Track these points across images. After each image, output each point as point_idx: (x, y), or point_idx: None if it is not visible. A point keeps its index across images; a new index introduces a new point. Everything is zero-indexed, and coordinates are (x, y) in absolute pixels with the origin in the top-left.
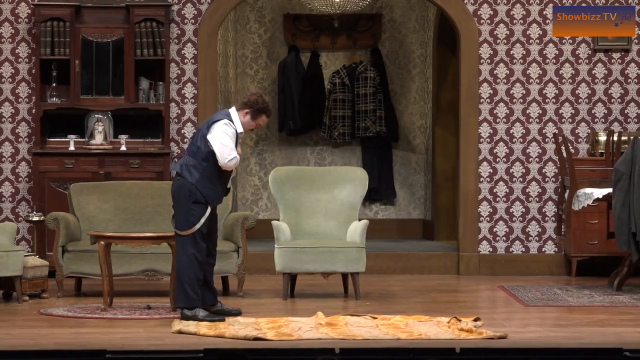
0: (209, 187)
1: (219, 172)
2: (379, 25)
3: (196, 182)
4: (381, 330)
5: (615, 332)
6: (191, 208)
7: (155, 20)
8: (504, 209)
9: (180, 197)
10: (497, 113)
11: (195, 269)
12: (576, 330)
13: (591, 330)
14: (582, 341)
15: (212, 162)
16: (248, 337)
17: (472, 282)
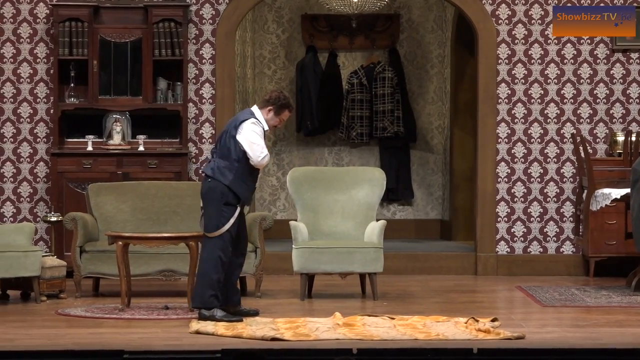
0: (243, 187)
1: (250, 171)
2: (397, 25)
3: (229, 183)
4: (399, 330)
5: (633, 332)
6: (222, 210)
7: (173, 20)
8: (521, 209)
9: (212, 199)
10: (515, 113)
11: (218, 271)
12: (594, 330)
13: (609, 330)
14: (600, 342)
15: (243, 161)
16: (265, 338)
17: (490, 283)
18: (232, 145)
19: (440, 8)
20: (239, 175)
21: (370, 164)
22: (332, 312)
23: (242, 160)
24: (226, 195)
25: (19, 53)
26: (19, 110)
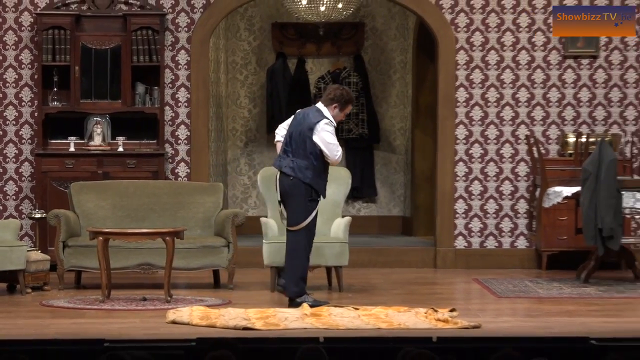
0: (321, 184)
1: (325, 168)
2: (362, 33)
3: (310, 180)
4: (363, 320)
5: (582, 321)
6: (307, 205)
7: (150, 28)
8: (478, 206)
9: (296, 195)
10: (472, 116)
11: (307, 260)
12: (546, 320)
13: (560, 320)
14: (551, 330)
15: (320, 159)
16: (238, 327)
17: (448, 275)
18: (309, 146)
19: (403, 17)
20: (318, 173)
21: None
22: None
23: (319, 158)
24: (309, 192)
25: (5, 59)
26: (5, 113)
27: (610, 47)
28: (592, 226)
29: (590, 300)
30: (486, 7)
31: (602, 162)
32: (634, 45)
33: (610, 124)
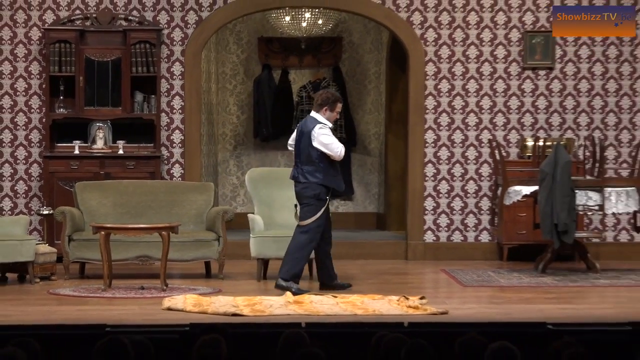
0: (333, 180)
1: (332, 165)
2: (340, 46)
3: (322, 181)
4: (341, 307)
5: (539, 308)
6: (314, 204)
7: (148, 42)
8: (445, 204)
9: (306, 197)
10: (440, 122)
11: (308, 253)
12: (507, 307)
13: (519, 307)
14: (511, 316)
15: (325, 160)
16: (227, 313)
17: (418, 266)
18: (312, 152)
19: (377, 32)
20: (327, 172)
21: None
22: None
23: (323, 160)
24: (318, 193)
25: (16, 70)
26: (15, 119)
27: (564, 59)
28: (548, 222)
29: (547, 288)
30: (452, 24)
31: (558, 163)
32: (586, 58)
33: (565, 129)
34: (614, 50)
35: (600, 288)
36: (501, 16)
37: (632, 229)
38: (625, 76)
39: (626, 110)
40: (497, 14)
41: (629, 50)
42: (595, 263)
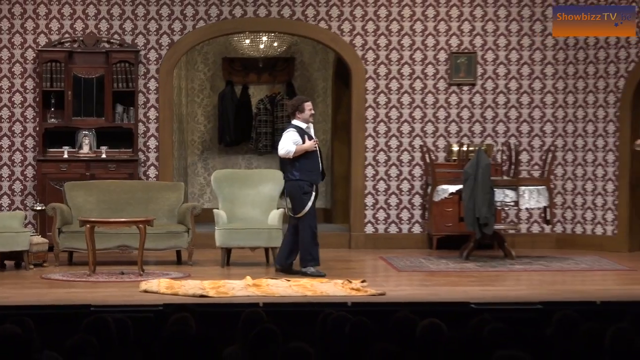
0: (310, 174)
1: (309, 161)
2: (292, 65)
3: (299, 176)
4: (293, 289)
5: (464, 290)
6: (302, 197)
7: (127, 62)
8: (383, 200)
9: (293, 192)
10: (378, 130)
11: (314, 238)
12: (436, 289)
13: (447, 288)
14: (440, 296)
15: (301, 158)
16: (196, 295)
17: (360, 254)
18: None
19: (324, 53)
20: (303, 169)
21: (272, 167)
22: (244, 276)
23: (299, 158)
24: (302, 187)
25: (13, 86)
26: (13, 128)
27: (485, 76)
28: (471, 215)
29: (470, 273)
30: (389, 46)
31: (479, 166)
32: (503, 75)
33: (485, 136)
34: (527, 69)
35: (515, 272)
36: (431, 40)
37: (542, 222)
38: (536, 91)
39: (537, 120)
40: (427, 37)
41: (539, 69)
42: (512, 251)
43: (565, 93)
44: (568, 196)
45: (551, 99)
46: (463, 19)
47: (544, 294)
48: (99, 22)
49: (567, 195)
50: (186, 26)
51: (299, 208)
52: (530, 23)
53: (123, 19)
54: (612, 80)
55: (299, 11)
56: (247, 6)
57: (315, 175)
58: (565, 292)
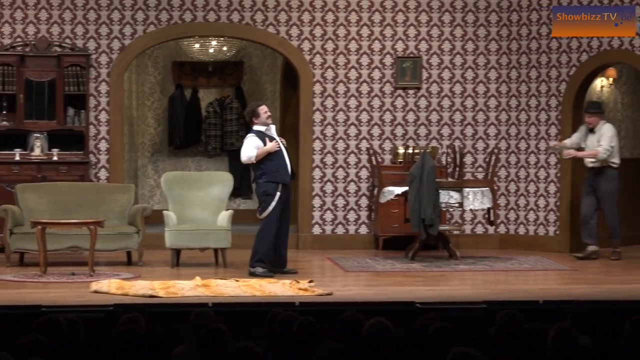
0: (277, 175)
1: (274, 162)
2: (241, 69)
3: (268, 178)
4: (242, 289)
5: (409, 290)
6: (266, 199)
7: (79, 65)
8: (330, 202)
9: (258, 194)
10: (326, 133)
11: (268, 241)
12: (382, 288)
13: (393, 288)
14: (386, 296)
15: (265, 161)
16: (146, 295)
17: (308, 255)
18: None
19: (273, 57)
20: (269, 170)
21: (221, 170)
22: (193, 276)
23: (263, 161)
24: (266, 189)
25: None
26: None
27: (430, 80)
28: (417, 217)
29: (416, 273)
30: (336, 50)
31: (425, 168)
32: (447, 80)
33: (430, 139)
34: (471, 73)
35: (460, 272)
36: (377, 44)
37: (486, 223)
38: (480, 94)
39: (481, 123)
40: (374, 42)
41: (483, 73)
42: (456, 251)
43: (509, 97)
44: (511, 197)
45: (495, 102)
46: (409, 24)
47: (488, 293)
48: (50, 27)
49: (510, 197)
50: (137, 30)
51: (262, 210)
52: (474, 28)
53: (74, 24)
54: (554, 84)
55: (247, 16)
56: (197, 11)
57: (282, 175)
58: (509, 292)
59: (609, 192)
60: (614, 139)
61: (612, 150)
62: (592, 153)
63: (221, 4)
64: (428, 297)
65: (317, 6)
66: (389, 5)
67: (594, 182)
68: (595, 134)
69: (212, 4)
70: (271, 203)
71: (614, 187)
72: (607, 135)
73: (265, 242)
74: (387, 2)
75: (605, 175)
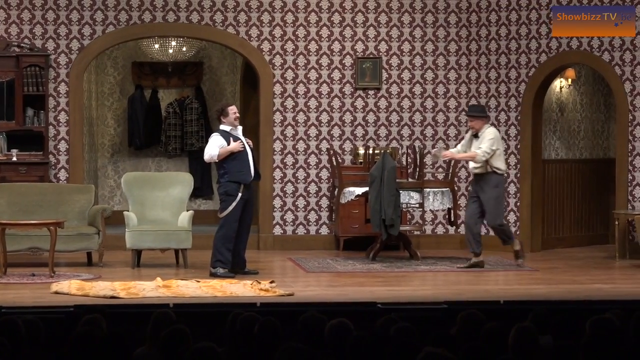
0: (238, 175)
1: (238, 162)
2: (201, 70)
3: (229, 178)
4: (203, 290)
5: (370, 290)
6: (225, 199)
7: (38, 65)
8: (291, 202)
9: (219, 194)
10: (286, 134)
11: (226, 242)
12: (343, 289)
13: (354, 289)
14: (347, 296)
15: (228, 160)
16: (107, 296)
17: (269, 255)
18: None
19: (233, 57)
20: (231, 170)
21: (182, 170)
22: (154, 277)
23: (226, 160)
24: (228, 189)
25: None
26: None
27: (390, 81)
28: (377, 217)
29: (377, 273)
30: (296, 51)
31: (385, 168)
32: (407, 80)
33: (390, 139)
34: (431, 74)
35: (421, 273)
36: (337, 45)
37: (446, 223)
38: (440, 95)
39: (441, 124)
40: (334, 43)
41: (443, 74)
42: (417, 252)
43: (468, 97)
44: None
45: (454, 103)
46: (368, 25)
47: (449, 293)
48: (9, 27)
49: None
50: (96, 31)
51: (222, 209)
52: (433, 29)
53: (33, 24)
54: (513, 85)
55: (207, 17)
56: (156, 11)
57: (245, 175)
58: (470, 292)
59: (492, 198)
60: (495, 142)
61: (493, 153)
62: (470, 155)
63: (180, 4)
64: (389, 298)
65: (276, 7)
66: (349, 6)
67: (478, 188)
68: (478, 138)
69: (171, 5)
70: (232, 203)
71: (498, 193)
72: (488, 139)
73: (224, 242)
74: (346, 3)
75: (488, 181)
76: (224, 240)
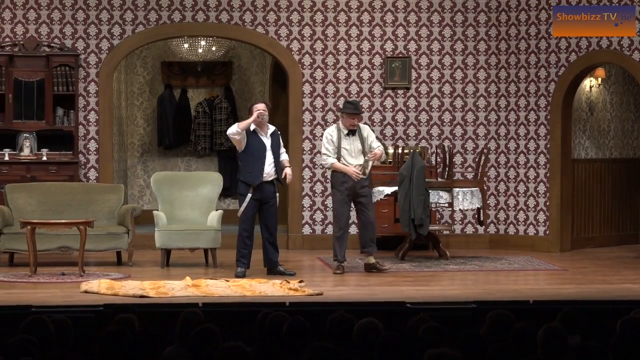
0: (247, 175)
1: (250, 162)
2: (230, 69)
3: (240, 177)
4: (232, 289)
5: (400, 290)
6: (239, 198)
7: (67, 65)
8: (320, 202)
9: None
10: (315, 133)
11: (242, 241)
12: (372, 288)
13: (383, 288)
14: (376, 296)
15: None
16: (136, 295)
17: (298, 255)
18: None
19: (262, 57)
20: (243, 169)
21: (211, 170)
22: (184, 276)
23: (242, 158)
24: (239, 188)
25: None
26: None
27: (419, 80)
28: (407, 217)
29: (406, 273)
30: (325, 50)
31: (414, 168)
32: (437, 80)
33: (420, 139)
34: (460, 73)
35: (450, 272)
36: (366, 44)
37: (476, 223)
38: (469, 95)
39: (470, 123)
40: (363, 42)
41: (472, 73)
42: (446, 251)
43: (498, 97)
44: (501, 197)
45: (484, 102)
46: (397, 24)
47: (478, 293)
48: (39, 27)
49: (500, 197)
50: (125, 30)
51: (239, 207)
52: (463, 28)
53: (63, 23)
54: (542, 85)
55: (236, 16)
56: (186, 11)
57: (254, 177)
58: (499, 292)
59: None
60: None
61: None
62: (379, 155)
63: (210, 4)
64: (418, 297)
65: (306, 6)
66: (378, 6)
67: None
68: (355, 135)
69: (200, 4)
70: (243, 202)
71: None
72: (374, 135)
73: (238, 241)
74: (376, 2)
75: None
76: (238, 239)
